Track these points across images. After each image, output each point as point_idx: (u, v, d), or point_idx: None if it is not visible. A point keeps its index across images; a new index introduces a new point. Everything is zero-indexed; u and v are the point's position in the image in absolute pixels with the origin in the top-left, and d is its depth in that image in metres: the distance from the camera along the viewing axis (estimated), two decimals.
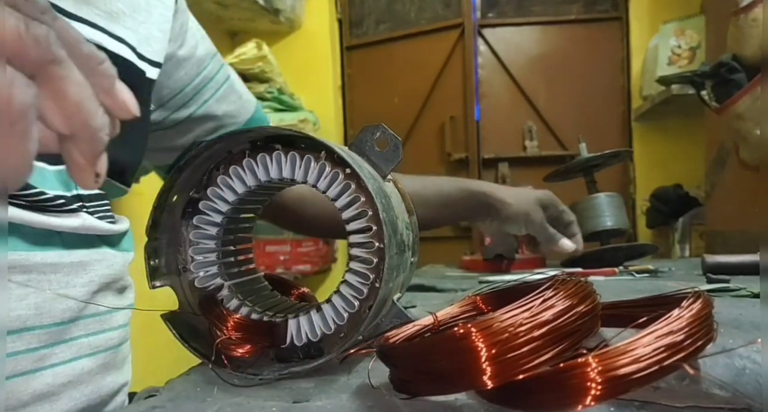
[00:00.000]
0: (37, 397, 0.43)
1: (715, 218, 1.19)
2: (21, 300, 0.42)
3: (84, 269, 0.47)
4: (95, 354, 0.49)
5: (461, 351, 0.24)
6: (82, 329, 0.47)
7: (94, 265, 0.48)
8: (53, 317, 0.44)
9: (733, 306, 0.49)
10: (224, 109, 0.65)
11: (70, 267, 0.45)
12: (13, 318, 0.41)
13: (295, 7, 2.31)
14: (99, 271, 0.48)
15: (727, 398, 0.27)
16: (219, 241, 0.41)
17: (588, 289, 0.27)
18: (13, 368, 0.41)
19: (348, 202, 0.37)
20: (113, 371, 0.51)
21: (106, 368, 0.50)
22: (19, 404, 0.42)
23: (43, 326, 0.43)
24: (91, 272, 0.48)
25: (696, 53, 1.89)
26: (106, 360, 0.50)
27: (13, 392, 0.41)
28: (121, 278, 0.53)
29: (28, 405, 0.42)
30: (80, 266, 0.47)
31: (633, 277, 0.80)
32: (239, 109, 0.67)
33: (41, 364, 0.43)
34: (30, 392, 0.42)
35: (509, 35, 2.39)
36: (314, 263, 2.11)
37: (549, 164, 2.12)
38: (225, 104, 0.65)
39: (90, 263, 0.48)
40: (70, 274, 0.45)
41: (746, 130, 0.95)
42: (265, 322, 0.39)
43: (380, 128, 0.39)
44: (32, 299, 0.42)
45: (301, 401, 0.32)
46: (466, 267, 1.13)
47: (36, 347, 0.43)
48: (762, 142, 0.90)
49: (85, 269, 0.47)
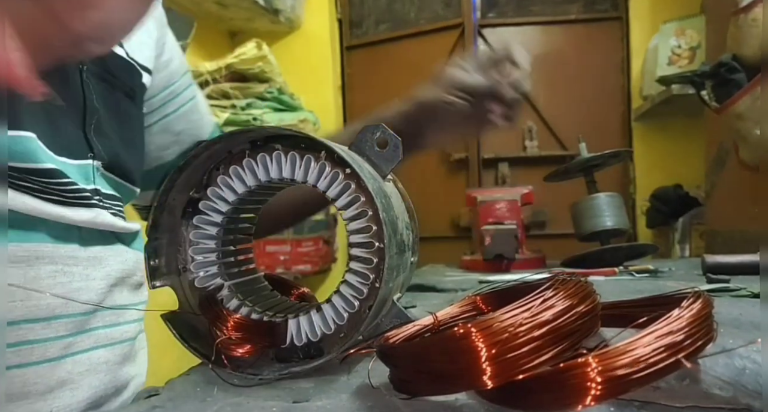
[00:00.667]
0: (61, 383, 0.45)
1: (715, 217, 1.19)
2: (50, 289, 0.44)
3: (101, 263, 0.49)
4: (112, 345, 0.51)
5: (461, 351, 0.24)
6: (101, 321, 0.49)
7: (110, 260, 0.50)
8: (77, 307, 0.46)
9: (733, 306, 0.49)
10: (183, 127, 0.65)
11: (88, 261, 0.48)
12: (42, 307, 0.43)
13: (295, 7, 2.31)
14: (114, 266, 0.51)
15: (727, 398, 0.27)
16: (219, 241, 0.41)
17: (588, 289, 0.27)
18: (42, 354, 0.43)
19: (348, 202, 0.37)
20: (128, 363, 0.53)
21: (122, 360, 0.52)
22: (47, 390, 0.44)
23: (69, 315, 0.45)
24: (107, 267, 0.50)
25: (696, 53, 1.89)
26: (123, 351, 0.52)
27: (42, 377, 0.43)
28: (134, 274, 0.55)
29: (54, 390, 0.44)
30: (97, 261, 0.49)
31: (633, 277, 0.80)
32: (198, 129, 0.68)
33: (67, 351, 0.45)
34: (56, 379, 0.44)
35: (509, 35, 2.39)
36: (314, 263, 2.11)
37: (549, 164, 2.12)
38: (185, 122, 0.66)
39: (106, 258, 0.50)
40: (89, 267, 0.48)
41: (746, 130, 0.95)
42: (265, 322, 0.39)
43: (380, 128, 0.39)
44: (59, 289, 0.44)
45: (301, 401, 0.32)
46: (466, 267, 1.13)
47: (63, 335, 0.45)
48: (762, 142, 0.90)
49: (102, 264, 0.49)
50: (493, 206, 1.15)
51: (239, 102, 1.89)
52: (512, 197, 1.17)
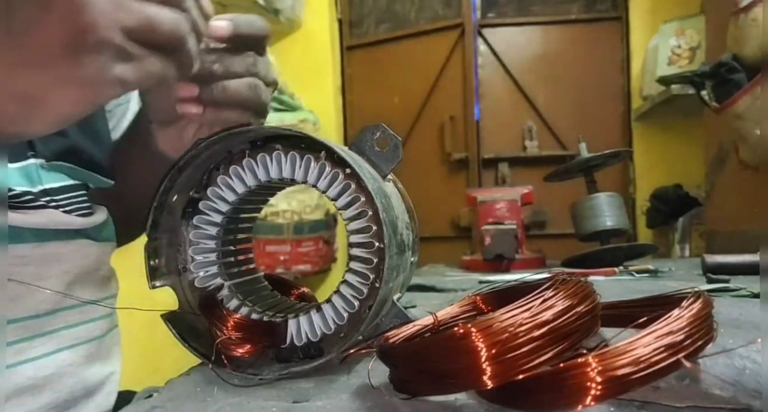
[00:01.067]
0: (19, 390, 0.43)
1: (715, 217, 1.19)
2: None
3: (57, 261, 0.47)
4: (77, 346, 0.49)
5: (461, 351, 0.24)
6: (63, 321, 0.47)
7: (67, 256, 0.48)
8: (28, 309, 0.44)
9: (733, 306, 0.49)
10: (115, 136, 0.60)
11: (42, 259, 0.45)
12: None
13: (295, 7, 2.31)
14: (73, 262, 0.48)
15: (727, 398, 0.27)
16: (219, 241, 0.41)
17: (588, 289, 0.27)
18: None
19: (348, 202, 0.37)
20: (98, 362, 0.51)
21: (90, 359, 0.50)
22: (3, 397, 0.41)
23: (17, 320, 0.43)
24: (64, 264, 0.47)
25: (696, 53, 1.89)
26: (90, 351, 0.50)
27: None
28: (99, 269, 0.52)
29: (11, 398, 0.42)
30: (53, 258, 0.46)
31: (633, 277, 0.80)
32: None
33: (21, 357, 0.43)
34: (12, 386, 0.42)
35: (509, 35, 2.39)
36: (314, 263, 2.11)
37: (549, 164, 2.12)
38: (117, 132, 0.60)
39: (63, 255, 0.47)
40: (41, 266, 0.45)
41: (746, 130, 0.95)
42: (265, 322, 0.39)
43: (380, 128, 0.39)
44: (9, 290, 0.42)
45: (301, 401, 0.32)
46: (466, 267, 1.13)
47: (14, 340, 0.43)
48: (762, 142, 0.90)
49: (58, 261, 0.47)
50: (493, 206, 1.16)
51: None
52: (512, 197, 1.17)
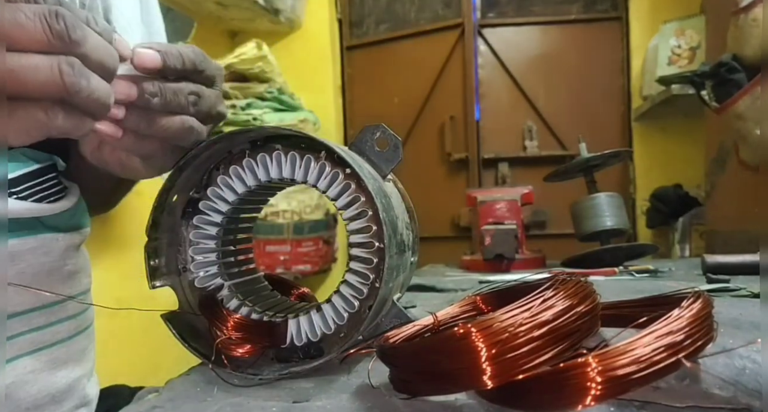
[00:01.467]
0: None
1: (715, 217, 1.19)
2: None
3: (12, 260, 0.43)
4: (39, 351, 0.45)
5: (461, 351, 0.24)
6: (25, 325, 0.44)
7: (26, 254, 0.44)
8: None
9: (733, 306, 0.49)
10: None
11: None
12: None
13: (295, 7, 2.31)
14: (32, 260, 0.45)
15: (727, 398, 0.27)
16: (219, 241, 0.41)
17: (588, 289, 0.27)
18: None
19: (348, 202, 0.37)
20: (64, 367, 0.48)
21: (55, 365, 0.47)
22: None
23: None
24: (22, 263, 0.44)
25: (696, 53, 1.89)
26: (55, 356, 0.47)
27: None
28: (64, 264, 0.48)
29: None
30: (8, 257, 0.43)
31: (633, 277, 0.80)
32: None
33: None
34: None
35: (509, 35, 2.39)
36: (314, 263, 2.11)
37: (549, 164, 2.12)
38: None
39: (20, 254, 0.44)
40: None
41: (746, 130, 0.95)
42: (265, 322, 0.39)
43: (380, 128, 0.39)
44: None
45: (301, 401, 0.32)
46: (466, 267, 1.13)
47: None
48: (762, 142, 0.90)
49: (14, 260, 0.43)
50: (493, 206, 1.15)
51: (239, 102, 1.89)
52: (512, 197, 1.17)
